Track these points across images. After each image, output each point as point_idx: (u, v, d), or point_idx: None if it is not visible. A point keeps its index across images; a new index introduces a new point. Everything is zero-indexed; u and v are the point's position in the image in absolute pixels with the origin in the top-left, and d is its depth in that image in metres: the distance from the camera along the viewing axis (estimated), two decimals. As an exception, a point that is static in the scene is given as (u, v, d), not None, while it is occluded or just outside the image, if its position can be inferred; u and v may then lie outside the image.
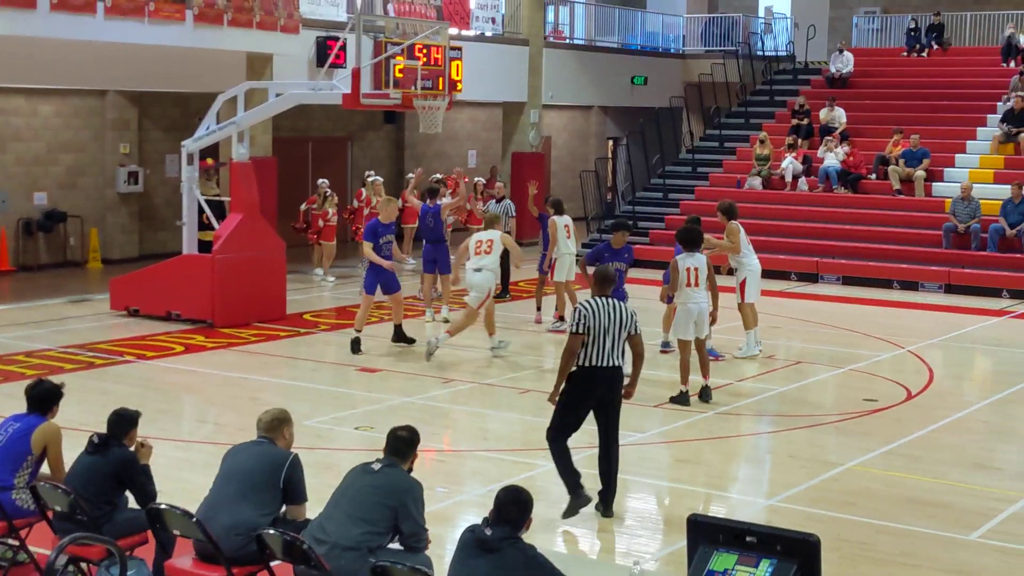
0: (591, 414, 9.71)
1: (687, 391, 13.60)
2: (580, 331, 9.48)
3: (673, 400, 13.58)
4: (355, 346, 15.96)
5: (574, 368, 9.57)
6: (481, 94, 28.95)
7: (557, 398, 9.69)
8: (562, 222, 17.74)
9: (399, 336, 16.60)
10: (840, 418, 13.31)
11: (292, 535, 6.81)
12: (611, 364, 9.53)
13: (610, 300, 9.64)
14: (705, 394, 13.70)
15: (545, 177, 32.13)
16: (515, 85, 29.33)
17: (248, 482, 7.28)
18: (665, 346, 16.31)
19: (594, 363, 9.49)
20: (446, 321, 17.66)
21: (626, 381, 9.83)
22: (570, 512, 9.62)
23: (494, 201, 21.50)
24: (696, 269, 13.62)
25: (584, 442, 10.04)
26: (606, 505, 9.81)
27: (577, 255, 17.95)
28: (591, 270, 10.41)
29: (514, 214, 21.35)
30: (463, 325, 15.61)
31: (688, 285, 13.61)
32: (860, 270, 23.75)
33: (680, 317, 13.79)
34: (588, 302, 9.60)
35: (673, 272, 13.76)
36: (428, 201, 18.46)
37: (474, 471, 11.32)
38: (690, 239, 13.77)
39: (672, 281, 13.80)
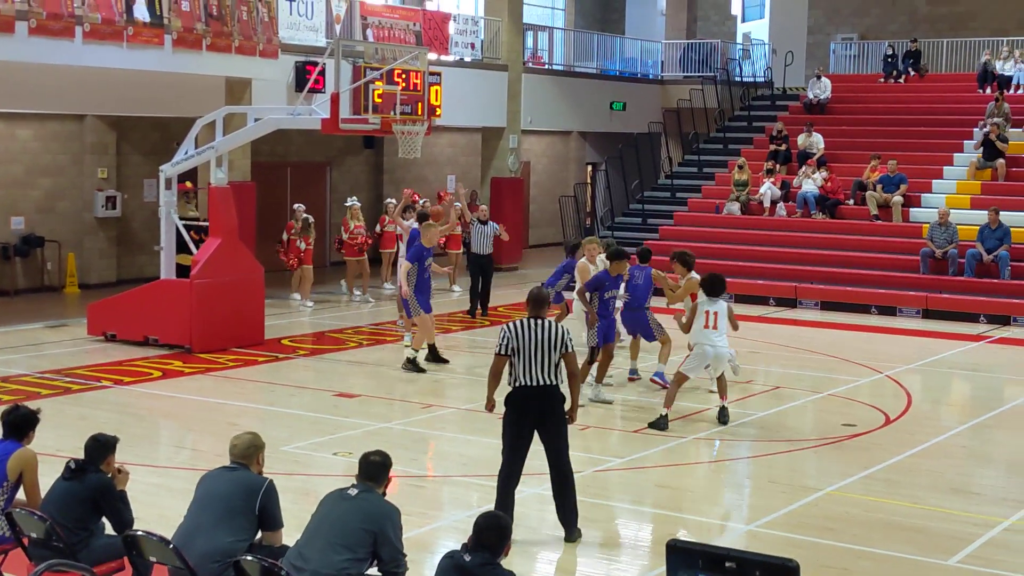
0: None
1: (667, 415, 13.63)
2: (503, 352, 9.61)
3: (652, 425, 13.59)
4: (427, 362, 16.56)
5: (509, 390, 9.68)
6: (460, 119, 29.00)
7: (498, 409, 9.91)
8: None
9: (435, 356, 17.01)
10: (819, 443, 13.32)
11: (270, 562, 6.77)
12: (542, 383, 9.56)
13: (539, 321, 9.67)
14: (723, 415, 13.88)
15: (524, 202, 32.19)
16: (494, 110, 29.39)
17: (224, 508, 7.24)
18: (632, 373, 16.25)
19: (524, 383, 9.57)
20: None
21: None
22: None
23: (479, 223, 21.63)
24: (716, 314, 13.77)
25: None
26: (568, 529, 9.79)
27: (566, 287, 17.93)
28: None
29: (504, 235, 21.69)
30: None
31: (706, 327, 13.75)
32: (838, 295, 23.83)
33: (695, 356, 13.96)
34: (512, 323, 9.68)
35: (691, 313, 14.06)
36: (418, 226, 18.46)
37: (453, 497, 11.29)
38: (714, 286, 13.93)
39: (688, 321, 14.04)
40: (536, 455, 9.82)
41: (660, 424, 13.54)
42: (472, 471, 11.94)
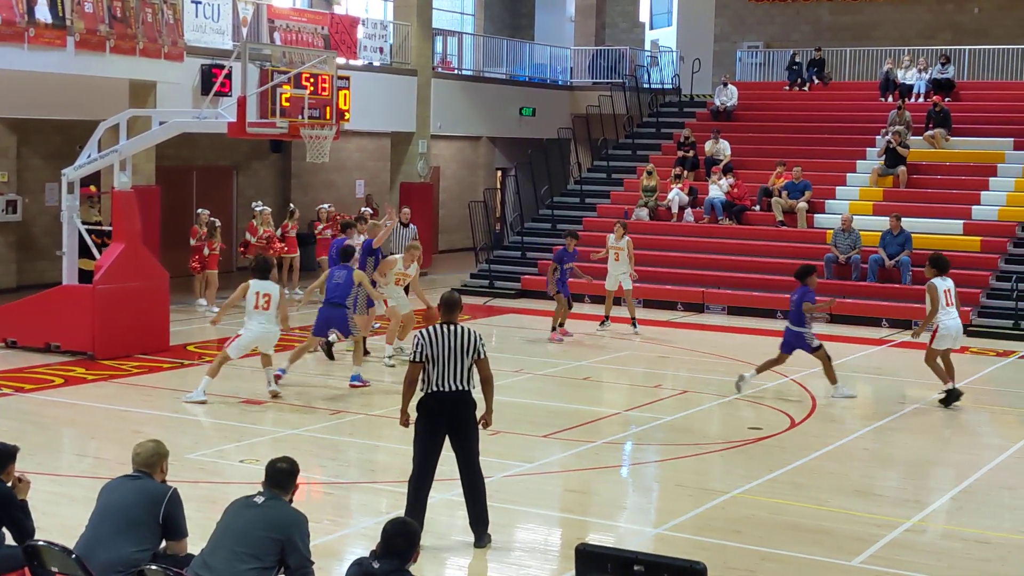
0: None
1: (954, 387, 15.43)
2: (417, 360, 9.58)
3: (943, 401, 15.42)
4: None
5: (421, 396, 9.65)
6: (369, 124, 28.89)
7: (411, 423, 9.85)
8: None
9: (329, 353, 17.49)
10: (725, 446, 13.45)
11: (175, 571, 6.69)
12: (455, 389, 9.56)
13: (453, 327, 9.65)
14: (954, 395, 15.45)
15: (434, 207, 32.14)
16: (403, 115, 29.31)
17: (127, 518, 7.13)
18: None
19: (437, 389, 9.56)
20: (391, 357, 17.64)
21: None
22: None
23: (401, 226, 21.49)
24: (949, 291, 15.51)
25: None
26: (478, 535, 9.78)
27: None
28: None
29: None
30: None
31: (947, 304, 15.39)
32: (745, 300, 24.09)
33: (942, 333, 15.44)
34: (425, 330, 9.64)
35: (933, 292, 15.43)
36: (344, 234, 18.57)
37: (361, 503, 11.21)
38: (943, 263, 15.73)
39: (934, 303, 15.39)
40: (446, 461, 9.80)
41: (953, 396, 15.40)
42: (380, 477, 11.88)
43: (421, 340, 9.57)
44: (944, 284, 15.56)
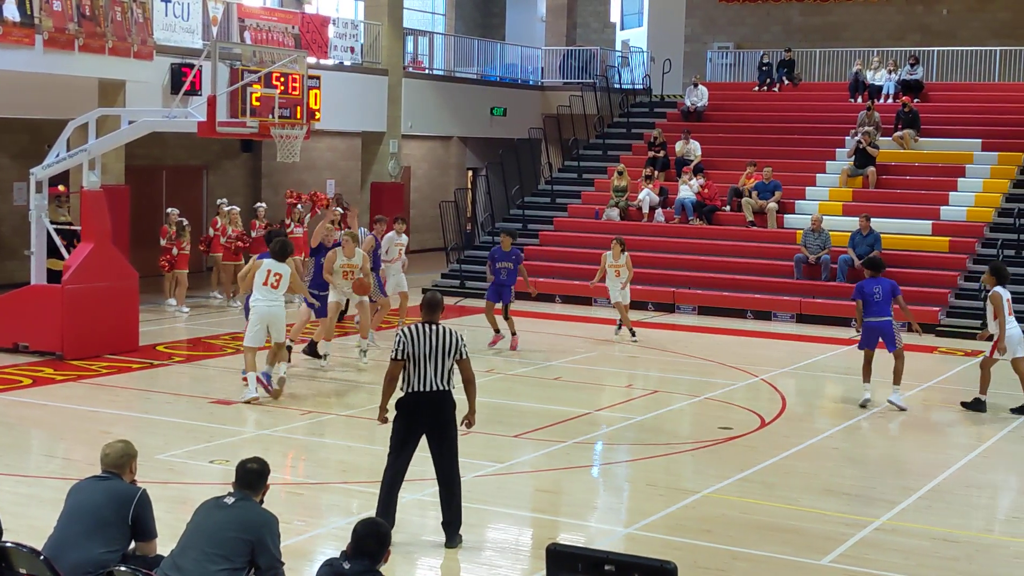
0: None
1: (984, 398, 15.47)
2: (399, 358, 9.55)
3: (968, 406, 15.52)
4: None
5: (400, 395, 9.64)
6: (340, 123, 28.82)
7: (390, 421, 9.80)
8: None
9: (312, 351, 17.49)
10: (696, 446, 13.48)
11: (144, 572, 6.66)
12: (435, 389, 9.55)
13: (434, 326, 9.63)
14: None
15: (405, 207, 32.09)
16: (374, 115, 29.25)
17: (96, 519, 7.09)
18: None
19: (417, 389, 9.54)
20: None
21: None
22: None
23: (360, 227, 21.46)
24: (1009, 300, 15.35)
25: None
26: (450, 536, 9.78)
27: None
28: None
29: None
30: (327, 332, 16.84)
31: (1009, 313, 15.25)
32: (715, 300, 24.17)
33: (1008, 342, 15.22)
34: (408, 328, 9.63)
35: (998, 301, 15.18)
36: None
37: (332, 504, 11.19)
38: (1003, 273, 15.65)
39: (1000, 313, 15.15)
40: (419, 461, 9.79)
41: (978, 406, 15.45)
42: (352, 478, 11.86)
43: (403, 338, 9.54)
44: (1007, 293, 15.41)
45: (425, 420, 9.63)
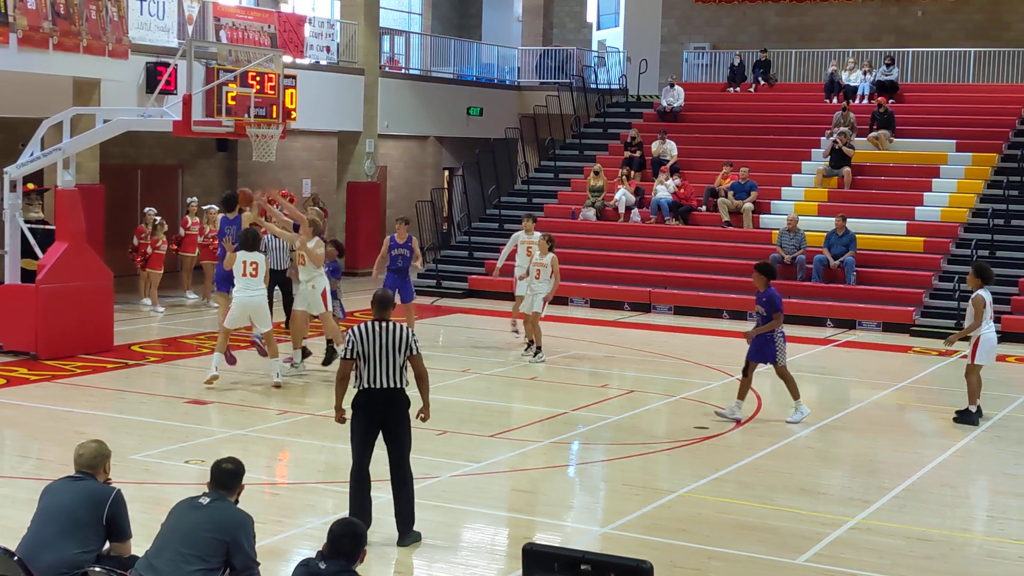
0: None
1: (974, 408, 14.89)
2: (349, 357, 9.60)
3: (958, 419, 14.87)
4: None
5: (354, 393, 9.68)
6: (316, 123, 28.77)
7: (346, 420, 9.88)
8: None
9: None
10: (672, 445, 13.51)
11: (119, 573, 6.64)
12: (387, 386, 9.58)
13: (385, 324, 9.65)
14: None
15: (381, 207, 32.06)
16: (350, 114, 29.22)
17: (70, 519, 7.05)
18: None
19: (370, 386, 9.58)
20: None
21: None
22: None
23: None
24: (991, 303, 14.99)
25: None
26: (403, 533, 9.78)
27: None
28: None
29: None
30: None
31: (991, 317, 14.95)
32: (691, 300, 24.21)
33: (984, 346, 14.84)
34: (357, 327, 9.65)
35: (979, 306, 14.75)
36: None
37: (307, 504, 11.16)
38: (988, 274, 15.19)
39: (978, 315, 14.72)
40: (386, 461, 9.79)
41: (970, 418, 14.85)
42: (327, 478, 11.83)
43: (353, 337, 9.58)
44: (990, 296, 15.07)
45: (379, 417, 9.67)
